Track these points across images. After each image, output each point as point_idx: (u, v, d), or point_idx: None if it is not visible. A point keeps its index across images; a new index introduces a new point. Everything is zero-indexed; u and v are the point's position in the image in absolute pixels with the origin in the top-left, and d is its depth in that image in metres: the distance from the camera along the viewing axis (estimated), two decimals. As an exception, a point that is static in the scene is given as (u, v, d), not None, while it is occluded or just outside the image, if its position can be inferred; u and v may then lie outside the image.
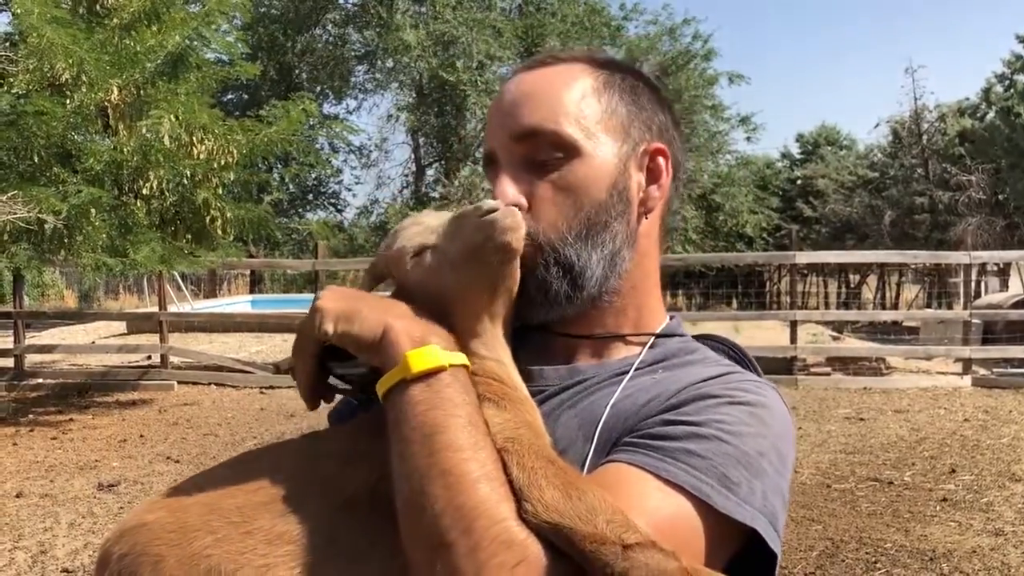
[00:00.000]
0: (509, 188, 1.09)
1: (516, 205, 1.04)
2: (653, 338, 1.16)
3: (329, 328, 0.96)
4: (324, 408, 1.12)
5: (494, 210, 0.95)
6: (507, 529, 0.83)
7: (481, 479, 0.85)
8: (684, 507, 0.92)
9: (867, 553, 5.21)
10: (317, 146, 22.32)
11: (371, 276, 1.09)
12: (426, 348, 0.92)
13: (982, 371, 11.90)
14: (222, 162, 9.18)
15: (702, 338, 1.23)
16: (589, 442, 1.03)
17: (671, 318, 1.21)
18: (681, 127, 1.25)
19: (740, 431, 0.98)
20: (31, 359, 12.58)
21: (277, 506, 0.95)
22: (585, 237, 1.09)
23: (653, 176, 1.15)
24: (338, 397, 1.10)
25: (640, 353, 1.13)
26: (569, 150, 1.08)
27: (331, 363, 1.03)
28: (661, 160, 1.15)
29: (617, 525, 0.82)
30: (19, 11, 8.08)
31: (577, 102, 1.10)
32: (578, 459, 1.01)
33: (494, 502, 0.84)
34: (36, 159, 8.28)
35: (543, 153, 1.09)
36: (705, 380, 1.05)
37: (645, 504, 0.90)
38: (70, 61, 8.02)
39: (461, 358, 0.95)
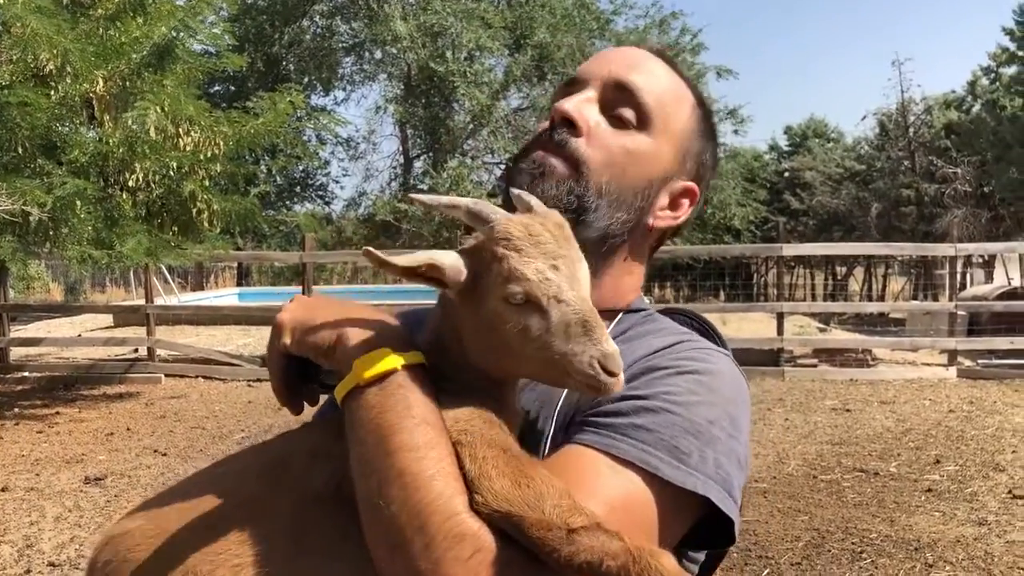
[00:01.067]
0: (581, 104, 1.17)
1: (578, 120, 1.14)
2: (621, 314, 1.20)
3: (287, 340, 1.01)
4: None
5: (614, 375, 0.89)
6: (460, 523, 0.86)
7: (435, 476, 0.87)
8: (636, 483, 0.94)
9: (853, 543, 5.25)
10: (304, 138, 22.26)
11: (471, 256, 0.96)
12: (377, 352, 0.94)
13: (967, 362, 11.99)
14: (209, 154, 9.13)
15: (668, 312, 1.27)
16: (550, 420, 1.06)
17: (639, 298, 1.25)
18: (717, 165, 1.34)
19: (688, 400, 1.01)
20: (16, 352, 12.51)
21: (249, 507, 0.98)
22: (610, 200, 1.15)
23: (673, 208, 1.24)
24: (324, 397, 1.12)
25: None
26: (643, 122, 1.17)
27: (315, 367, 1.06)
28: (686, 202, 1.24)
29: (564, 510, 0.84)
30: (2, 1, 7.99)
31: (672, 100, 1.20)
32: (540, 438, 1.04)
33: (447, 497, 0.86)
34: (20, 151, 8.21)
35: (623, 107, 1.17)
36: (655, 352, 1.08)
37: (598, 484, 0.93)
38: (54, 52, 7.94)
39: (415, 356, 0.96)
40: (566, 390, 1.05)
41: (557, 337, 0.89)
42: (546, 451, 1.02)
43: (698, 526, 1.02)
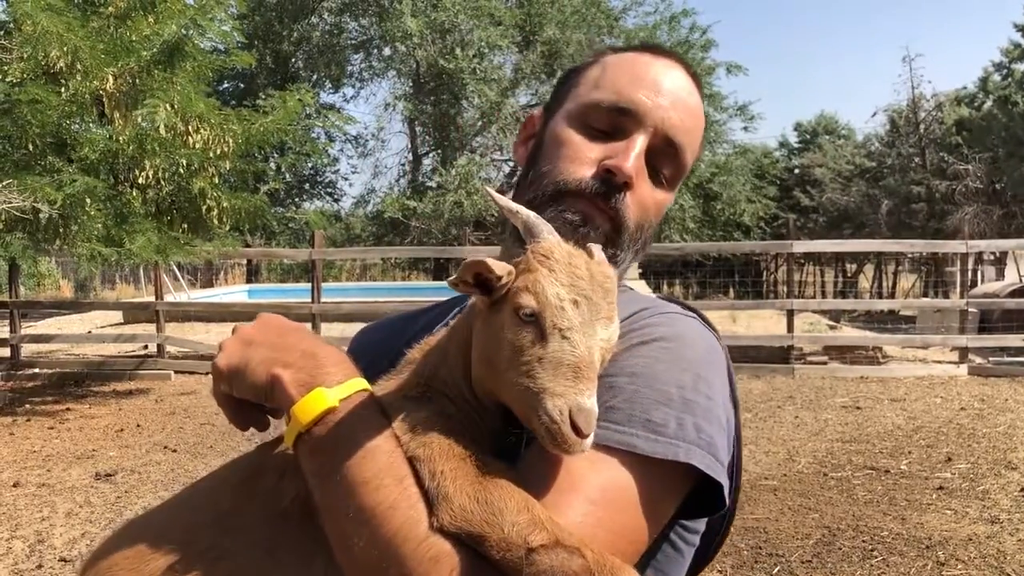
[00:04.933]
0: (638, 162, 1.15)
1: (628, 180, 1.13)
2: None
3: (223, 387, 1.01)
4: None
5: (581, 435, 0.85)
6: (432, 545, 0.86)
7: (395, 505, 0.87)
8: (616, 469, 0.93)
9: (864, 541, 5.23)
10: (313, 136, 22.28)
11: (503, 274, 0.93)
12: (313, 395, 0.94)
13: (978, 360, 11.93)
14: (218, 151, 9.15)
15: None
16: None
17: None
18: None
19: (655, 371, 0.99)
20: (28, 349, 12.57)
21: (221, 523, 0.99)
22: (635, 241, 1.18)
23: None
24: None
25: None
26: (674, 180, 1.21)
27: None
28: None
29: (522, 527, 0.83)
30: (13, -1, 8.03)
31: (699, 137, 1.24)
32: (521, 438, 1.01)
33: (413, 522, 0.87)
34: (31, 148, 8.24)
35: (665, 166, 1.19)
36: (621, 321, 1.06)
37: (576, 480, 0.92)
38: (65, 49, 7.97)
39: (356, 384, 0.96)
40: None
41: (544, 369, 0.86)
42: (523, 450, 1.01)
43: (695, 494, 1.01)
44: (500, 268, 0.90)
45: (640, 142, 1.14)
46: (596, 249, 0.98)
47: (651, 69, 1.18)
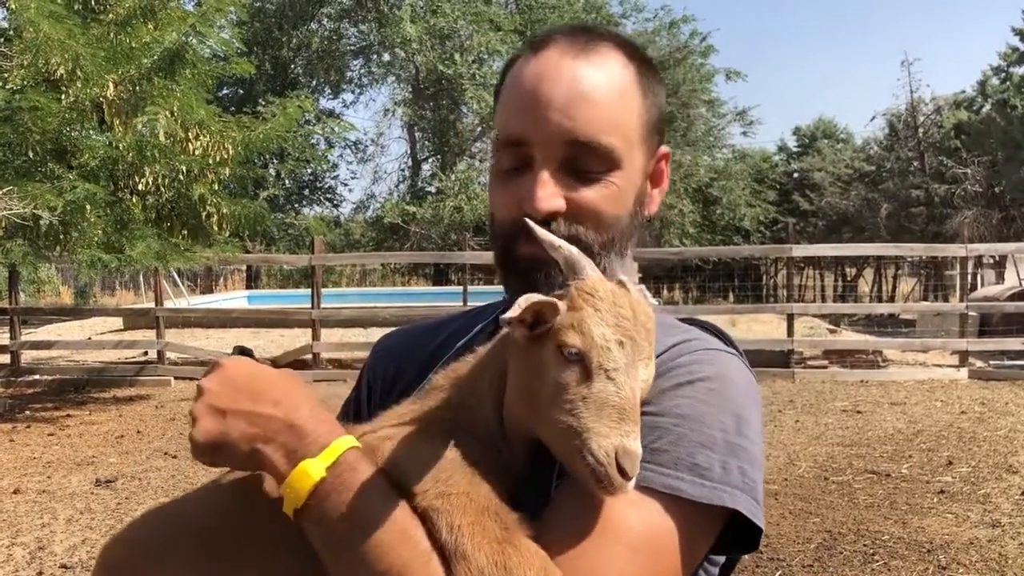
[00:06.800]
0: (552, 191, 1.07)
1: (555, 211, 1.06)
2: None
3: (203, 461, 0.97)
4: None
5: (626, 477, 0.84)
6: None
7: (407, 565, 0.87)
8: (659, 514, 0.92)
9: (865, 545, 5.22)
10: (313, 141, 22.30)
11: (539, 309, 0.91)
12: (300, 468, 0.92)
13: (979, 363, 11.93)
14: (218, 158, 9.17)
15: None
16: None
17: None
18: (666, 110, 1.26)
19: (700, 413, 0.98)
20: (28, 355, 12.56)
21: (245, 523, 1.01)
22: (614, 247, 1.12)
23: (656, 179, 1.19)
24: None
25: None
26: (613, 164, 1.09)
27: None
28: (664, 164, 1.19)
29: None
30: (15, 6, 8.04)
31: (625, 111, 1.10)
32: (551, 472, 1.00)
33: None
34: (31, 155, 8.25)
35: (589, 163, 1.09)
36: (664, 351, 1.04)
37: (616, 524, 0.91)
38: (66, 56, 7.99)
39: (340, 445, 0.93)
40: None
41: (588, 409, 0.85)
42: (555, 483, 0.99)
43: (724, 531, 1.01)
44: (561, 307, 0.89)
45: (543, 172, 1.08)
46: (628, 282, 0.96)
47: (543, 81, 1.09)
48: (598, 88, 1.09)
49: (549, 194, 1.06)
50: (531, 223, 0.98)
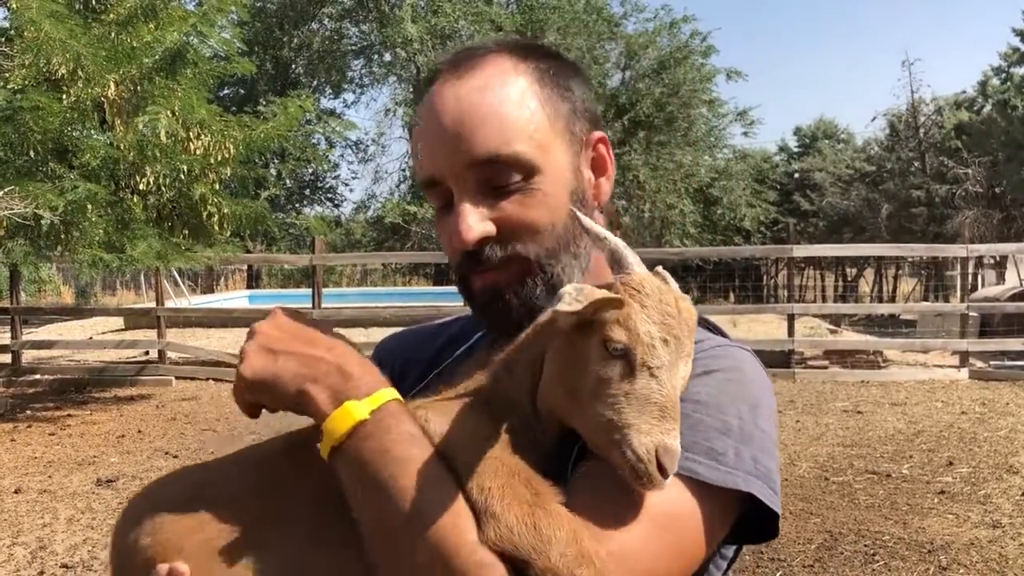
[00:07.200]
0: (473, 220, 1.06)
1: (484, 236, 1.05)
2: None
3: (249, 398, 0.99)
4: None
5: (665, 475, 0.86)
6: (479, 552, 0.86)
7: (437, 511, 0.87)
8: (681, 493, 0.94)
9: (865, 545, 5.23)
10: (314, 141, 22.31)
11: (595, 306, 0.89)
12: (343, 408, 0.93)
13: (979, 364, 11.93)
14: (219, 158, 9.17)
15: None
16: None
17: None
18: (592, 89, 1.22)
19: (719, 402, 1.01)
20: (29, 355, 12.57)
21: (277, 490, 1.00)
22: (563, 250, 1.09)
23: (599, 166, 1.16)
24: None
25: None
26: (529, 170, 1.07)
27: None
28: (603, 148, 1.16)
29: (570, 560, 0.84)
30: (16, 5, 8.04)
31: (524, 114, 1.07)
32: (567, 453, 1.01)
33: (460, 530, 0.87)
34: (32, 154, 8.25)
35: (502, 178, 1.06)
36: None
37: (643, 501, 0.92)
38: (67, 56, 7.99)
39: (386, 394, 0.95)
40: None
41: (630, 405, 0.86)
42: (574, 458, 1.00)
43: (738, 519, 1.03)
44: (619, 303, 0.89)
45: (462, 204, 1.07)
46: (668, 275, 0.97)
47: (442, 116, 1.08)
48: (484, 102, 1.07)
49: (471, 224, 1.05)
50: (580, 215, 0.99)
